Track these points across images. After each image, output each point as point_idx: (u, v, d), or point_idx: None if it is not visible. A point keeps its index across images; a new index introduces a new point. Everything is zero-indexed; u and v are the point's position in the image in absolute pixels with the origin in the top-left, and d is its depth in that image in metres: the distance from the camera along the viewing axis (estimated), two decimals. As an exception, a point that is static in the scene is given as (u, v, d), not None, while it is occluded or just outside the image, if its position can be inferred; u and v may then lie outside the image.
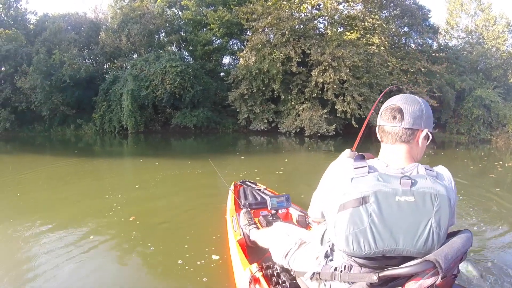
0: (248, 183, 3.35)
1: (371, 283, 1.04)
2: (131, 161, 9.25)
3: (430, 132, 1.15)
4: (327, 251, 1.24)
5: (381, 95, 1.90)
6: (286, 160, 8.50)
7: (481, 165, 8.75)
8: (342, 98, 14.05)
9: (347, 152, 1.48)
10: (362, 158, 1.16)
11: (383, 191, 1.03)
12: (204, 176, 5.95)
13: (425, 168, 1.10)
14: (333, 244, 1.21)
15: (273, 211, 2.45)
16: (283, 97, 15.01)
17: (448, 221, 1.03)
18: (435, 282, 0.97)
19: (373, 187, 1.03)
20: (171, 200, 4.52)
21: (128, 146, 12.60)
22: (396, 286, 1.04)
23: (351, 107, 13.77)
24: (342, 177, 1.11)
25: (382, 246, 1.02)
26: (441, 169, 1.14)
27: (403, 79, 15.40)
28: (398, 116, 1.12)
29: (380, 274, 1.03)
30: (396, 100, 1.15)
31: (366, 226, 1.02)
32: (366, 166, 1.08)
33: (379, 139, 1.21)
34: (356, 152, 1.43)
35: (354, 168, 1.09)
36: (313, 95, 14.33)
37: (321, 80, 13.66)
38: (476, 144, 15.15)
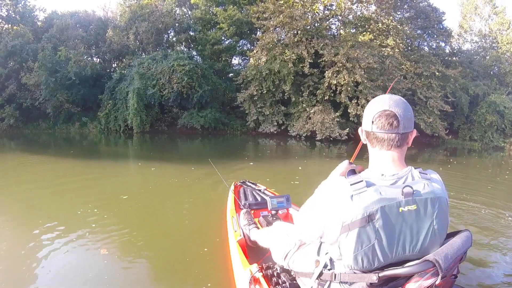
0: (248, 184, 3.31)
1: (371, 283, 1.03)
2: (130, 164, 8.64)
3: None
4: (325, 262, 1.21)
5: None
6: (300, 167, 7.92)
7: (507, 176, 8.36)
8: (355, 101, 13.64)
9: (345, 163, 1.41)
10: (354, 172, 1.13)
11: (387, 205, 1.01)
12: (204, 185, 5.29)
13: (419, 172, 1.10)
14: (331, 258, 1.19)
15: (273, 212, 2.44)
16: (293, 99, 14.60)
17: (447, 220, 1.07)
18: (435, 282, 0.97)
19: (377, 203, 1.00)
20: (158, 217, 3.91)
21: (131, 147, 12.12)
22: (396, 286, 1.03)
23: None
24: (339, 196, 1.06)
25: (391, 257, 1.03)
26: (431, 173, 1.14)
27: (417, 82, 15.03)
28: (395, 122, 1.08)
29: (380, 275, 1.02)
30: (387, 105, 1.10)
31: (374, 243, 1.01)
32: (362, 181, 1.05)
33: (368, 144, 1.17)
34: (355, 165, 1.41)
35: (351, 185, 1.05)
36: (325, 98, 13.93)
37: (335, 82, 13.26)
38: (489, 152, 14.77)
